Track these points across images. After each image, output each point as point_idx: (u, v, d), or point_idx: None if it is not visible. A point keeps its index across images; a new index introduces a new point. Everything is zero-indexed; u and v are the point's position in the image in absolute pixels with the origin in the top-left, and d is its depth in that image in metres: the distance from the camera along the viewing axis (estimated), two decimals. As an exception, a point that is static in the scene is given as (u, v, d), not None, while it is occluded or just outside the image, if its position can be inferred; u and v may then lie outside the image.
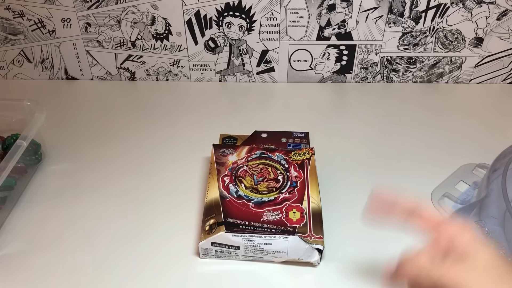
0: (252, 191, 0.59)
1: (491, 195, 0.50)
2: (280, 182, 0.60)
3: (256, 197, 0.58)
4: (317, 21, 0.79)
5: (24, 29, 0.81)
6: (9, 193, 0.62)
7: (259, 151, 0.64)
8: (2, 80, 0.88)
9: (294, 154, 0.63)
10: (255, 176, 0.60)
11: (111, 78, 0.87)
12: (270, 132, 0.71)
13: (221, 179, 0.60)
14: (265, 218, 0.55)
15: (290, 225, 0.54)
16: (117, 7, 0.78)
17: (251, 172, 0.61)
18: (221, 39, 0.81)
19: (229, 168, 0.61)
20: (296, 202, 0.57)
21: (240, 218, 0.55)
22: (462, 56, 0.82)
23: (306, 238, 0.53)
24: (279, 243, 0.53)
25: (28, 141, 0.60)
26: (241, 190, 0.59)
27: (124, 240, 0.57)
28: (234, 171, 0.61)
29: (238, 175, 0.61)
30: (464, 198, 0.61)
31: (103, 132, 0.75)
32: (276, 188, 0.59)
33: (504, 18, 0.78)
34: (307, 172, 0.61)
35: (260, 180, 0.60)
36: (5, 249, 0.57)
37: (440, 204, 0.60)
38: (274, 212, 0.56)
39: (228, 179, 0.60)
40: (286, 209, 0.56)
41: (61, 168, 0.68)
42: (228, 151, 0.64)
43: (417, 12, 0.77)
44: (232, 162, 0.62)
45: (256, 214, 0.55)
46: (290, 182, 0.60)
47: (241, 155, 0.63)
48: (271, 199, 0.57)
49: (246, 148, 0.64)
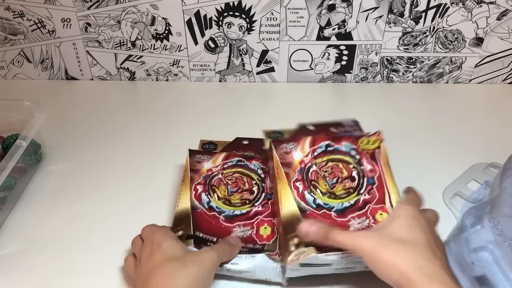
0: (224, 203, 0.55)
1: (504, 194, 0.50)
2: (254, 194, 0.56)
3: (227, 210, 0.54)
4: (317, 21, 0.78)
5: (24, 29, 0.81)
6: (9, 193, 0.62)
7: (235, 158, 0.60)
8: (2, 80, 0.88)
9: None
10: (229, 186, 0.57)
11: (111, 78, 0.87)
12: (251, 139, 0.66)
13: (193, 187, 0.56)
14: (234, 234, 0.52)
15: (259, 242, 0.51)
16: (117, 7, 0.78)
17: (225, 181, 0.57)
18: (221, 39, 0.81)
19: (203, 176, 0.57)
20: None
21: (209, 233, 0.52)
22: (462, 56, 0.82)
23: (274, 257, 0.49)
24: (246, 263, 0.49)
25: (28, 141, 0.60)
26: (213, 200, 0.55)
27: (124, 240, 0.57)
28: (208, 179, 0.57)
29: (212, 183, 0.57)
30: (476, 197, 0.61)
31: (103, 132, 0.75)
32: (249, 201, 0.55)
33: (504, 18, 0.78)
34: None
35: (234, 191, 0.56)
36: (5, 249, 0.57)
37: (452, 203, 0.61)
38: (244, 228, 0.52)
39: (201, 188, 0.56)
40: (257, 224, 0.53)
41: (61, 168, 0.68)
42: (204, 157, 0.60)
43: (417, 12, 0.77)
44: (206, 169, 0.58)
45: (226, 229, 0.52)
46: (265, 193, 0.56)
47: (217, 162, 0.59)
48: (243, 213, 0.54)
49: (223, 155, 0.60)
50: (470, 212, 0.50)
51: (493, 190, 0.54)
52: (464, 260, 0.47)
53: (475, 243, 0.46)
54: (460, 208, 0.60)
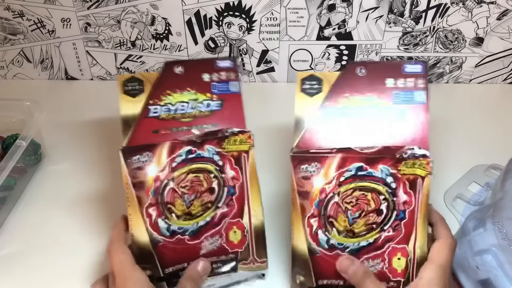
0: (185, 219, 0.46)
1: (507, 196, 0.50)
2: (215, 193, 0.46)
3: (190, 225, 0.46)
4: (317, 21, 0.78)
5: (23, 29, 0.81)
6: (8, 193, 0.62)
7: (184, 149, 0.46)
8: (1, 80, 0.88)
9: (228, 141, 0.47)
10: (186, 195, 0.46)
11: (111, 78, 0.87)
12: (185, 63, 0.50)
13: (145, 212, 0.45)
14: (204, 250, 0.46)
15: (231, 250, 0.46)
16: (117, 7, 0.78)
17: (180, 191, 0.46)
18: (221, 39, 0.81)
19: (151, 192, 0.45)
20: (235, 216, 0.46)
21: (178, 261, 0.45)
22: (463, 56, 0.82)
23: (249, 265, 0.47)
24: (223, 280, 0.48)
25: (27, 141, 0.60)
26: (173, 222, 0.45)
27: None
28: (158, 196, 0.45)
29: (166, 201, 0.45)
30: (477, 199, 0.61)
31: (103, 132, 0.75)
32: (211, 203, 0.46)
33: (505, 18, 0.78)
34: (245, 171, 0.47)
35: (192, 199, 0.46)
36: (5, 249, 0.57)
37: (453, 205, 0.61)
38: (213, 238, 0.46)
39: (155, 212, 0.45)
40: (225, 230, 0.46)
41: (60, 168, 0.68)
42: (144, 157, 0.45)
43: (417, 12, 0.77)
44: (153, 179, 0.45)
45: (194, 248, 0.46)
46: (228, 188, 0.46)
47: (161, 162, 0.45)
48: (208, 221, 0.46)
49: (167, 147, 0.46)
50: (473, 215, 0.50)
51: (495, 193, 0.53)
52: (468, 263, 0.46)
53: (479, 246, 0.46)
54: (462, 211, 0.60)
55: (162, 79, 0.48)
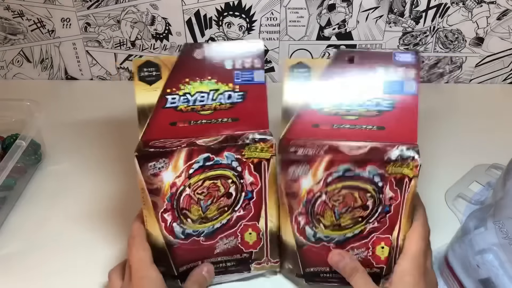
0: (201, 223, 0.45)
1: (508, 195, 0.50)
2: (232, 197, 0.45)
3: (206, 228, 0.46)
4: (317, 21, 0.78)
5: (23, 29, 0.81)
6: (8, 193, 0.62)
7: (201, 156, 0.44)
8: (1, 80, 0.88)
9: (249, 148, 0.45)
10: (202, 201, 0.45)
11: (110, 78, 0.87)
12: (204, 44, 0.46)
13: (160, 217, 0.44)
14: (219, 249, 0.46)
15: (246, 250, 0.47)
16: (116, 7, 0.78)
17: (196, 197, 0.45)
18: (221, 39, 0.81)
19: (167, 198, 0.44)
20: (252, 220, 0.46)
21: (192, 260, 0.46)
22: (463, 56, 0.82)
23: (263, 265, 0.48)
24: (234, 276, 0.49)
25: (27, 141, 0.60)
26: (188, 227, 0.45)
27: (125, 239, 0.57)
28: (174, 202, 0.44)
29: (181, 207, 0.45)
30: (478, 198, 0.61)
31: (103, 132, 0.75)
32: (228, 207, 0.46)
33: (505, 18, 0.78)
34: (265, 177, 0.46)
35: (209, 204, 0.45)
36: (5, 249, 0.57)
37: (454, 205, 0.61)
38: (228, 239, 0.46)
39: (170, 217, 0.44)
40: (241, 232, 0.46)
41: (60, 168, 0.68)
42: (160, 164, 0.44)
43: (417, 12, 0.77)
44: (169, 185, 0.44)
45: (209, 248, 0.46)
46: (245, 192, 0.46)
47: (178, 168, 0.44)
48: (224, 223, 0.46)
49: (184, 153, 0.44)
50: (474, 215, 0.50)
51: (496, 192, 0.53)
52: (469, 262, 0.46)
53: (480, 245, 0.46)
54: (463, 210, 0.60)
55: (180, 64, 0.45)
